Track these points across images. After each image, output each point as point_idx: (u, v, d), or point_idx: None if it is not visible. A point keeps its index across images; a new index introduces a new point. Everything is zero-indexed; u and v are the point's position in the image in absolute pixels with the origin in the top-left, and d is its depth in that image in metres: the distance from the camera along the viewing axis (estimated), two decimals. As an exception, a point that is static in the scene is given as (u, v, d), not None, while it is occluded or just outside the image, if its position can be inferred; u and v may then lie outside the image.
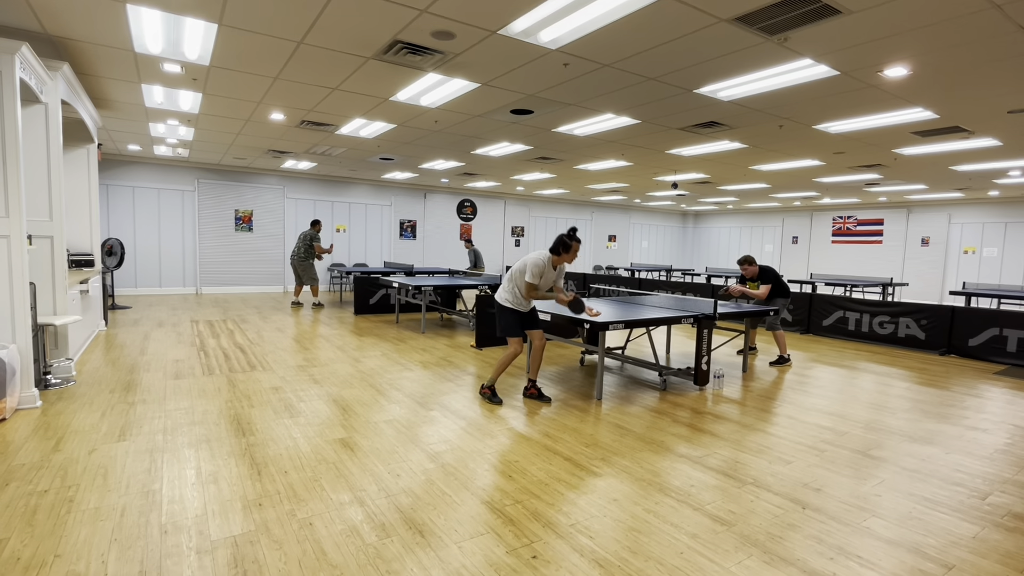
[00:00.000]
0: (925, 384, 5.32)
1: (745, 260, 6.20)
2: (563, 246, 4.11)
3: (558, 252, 4.11)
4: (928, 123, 6.06)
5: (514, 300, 4.20)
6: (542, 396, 4.40)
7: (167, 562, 2.04)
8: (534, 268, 4.06)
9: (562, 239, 4.12)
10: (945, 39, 3.78)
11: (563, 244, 4.11)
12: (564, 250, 4.10)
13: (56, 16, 3.94)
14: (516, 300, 4.20)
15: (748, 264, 6.18)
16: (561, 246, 4.11)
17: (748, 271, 6.19)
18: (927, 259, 14.52)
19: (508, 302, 4.22)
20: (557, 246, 4.12)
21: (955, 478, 3.06)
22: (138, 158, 10.80)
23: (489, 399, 4.27)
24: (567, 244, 4.10)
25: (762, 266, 6.19)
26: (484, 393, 4.31)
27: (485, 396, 4.30)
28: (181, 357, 5.52)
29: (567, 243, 4.10)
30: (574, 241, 4.12)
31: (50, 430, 3.40)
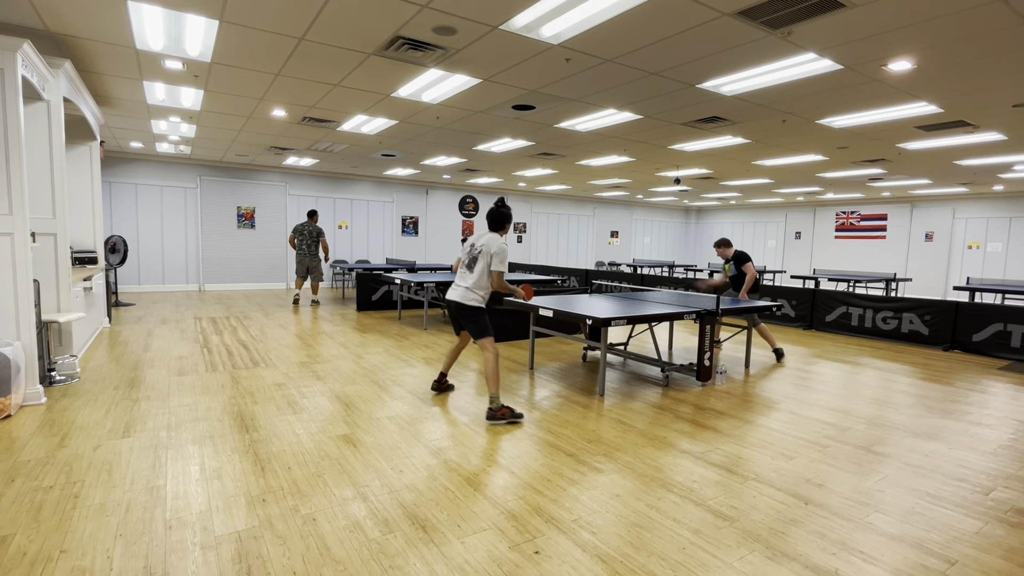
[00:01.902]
0: (928, 380, 5.31)
1: (722, 242, 6.23)
2: (508, 219, 3.85)
3: (503, 227, 3.85)
4: (932, 117, 6.02)
5: (484, 295, 3.81)
6: (450, 386, 4.40)
7: (172, 557, 2.05)
8: (505, 254, 3.72)
9: (504, 212, 3.82)
10: (950, 32, 3.75)
11: (508, 217, 3.84)
12: (508, 223, 3.86)
13: (58, 13, 3.94)
14: (486, 295, 3.82)
15: (725, 247, 6.22)
16: (507, 220, 3.85)
17: (723, 253, 6.24)
18: (931, 254, 14.46)
19: (479, 301, 3.79)
20: (503, 221, 3.83)
21: (958, 474, 3.05)
22: (140, 155, 10.81)
23: (509, 418, 3.66)
24: (510, 216, 3.87)
25: (737, 250, 6.23)
26: (501, 415, 3.64)
27: (503, 418, 3.64)
28: (184, 354, 5.54)
29: (510, 216, 3.86)
30: (510, 210, 3.90)
31: (55, 426, 3.41)
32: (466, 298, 3.75)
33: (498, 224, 3.84)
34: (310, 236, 9.47)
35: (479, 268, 3.75)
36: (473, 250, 3.81)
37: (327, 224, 12.93)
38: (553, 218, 17.20)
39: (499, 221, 3.83)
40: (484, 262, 3.74)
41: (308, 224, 9.52)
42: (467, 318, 3.76)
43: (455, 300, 3.78)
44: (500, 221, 3.83)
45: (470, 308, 3.75)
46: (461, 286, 3.78)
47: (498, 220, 3.83)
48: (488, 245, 3.72)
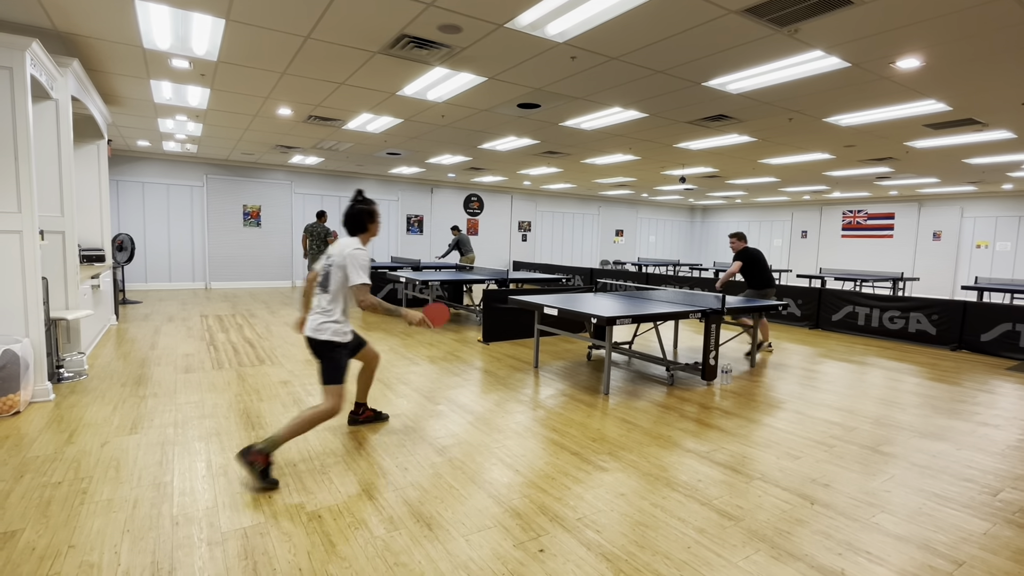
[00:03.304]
0: (936, 380, 5.27)
1: (737, 235, 6.43)
2: (369, 217, 2.96)
3: (364, 228, 2.96)
4: (941, 115, 5.98)
5: (344, 324, 2.84)
6: (379, 415, 3.62)
7: (178, 553, 2.06)
8: (365, 262, 2.82)
9: (362, 210, 2.94)
10: (959, 29, 3.72)
11: (368, 215, 2.96)
12: (371, 222, 2.97)
13: (66, 13, 3.97)
14: (345, 322, 2.86)
15: (738, 239, 6.41)
16: (367, 218, 2.95)
17: (734, 245, 6.43)
18: (939, 253, 14.35)
19: (336, 333, 2.81)
20: (362, 220, 2.93)
21: (966, 474, 3.03)
22: (147, 154, 10.87)
23: (259, 475, 2.60)
24: (372, 213, 2.97)
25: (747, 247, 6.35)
26: (255, 461, 2.60)
27: (253, 467, 2.60)
28: (191, 351, 5.57)
29: (371, 211, 2.97)
30: (373, 205, 3.00)
31: (63, 423, 3.44)
32: (318, 329, 2.78)
33: (356, 225, 2.94)
34: (320, 236, 9.80)
35: (334, 286, 2.82)
36: (326, 265, 2.88)
37: (332, 222, 12.96)
38: (558, 217, 17.18)
39: (356, 221, 2.93)
40: (338, 276, 2.81)
41: (317, 225, 9.87)
42: (321, 355, 2.81)
43: (307, 336, 2.83)
44: (358, 221, 2.93)
45: (322, 344, 2.78)
46: (314, 313, 2.85)
47: (355, 220, 2.93)
48: (341, 255, 2.82)
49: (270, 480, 2.63)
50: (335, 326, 2.81)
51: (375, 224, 3.01)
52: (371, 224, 2.98)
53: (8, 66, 3.53)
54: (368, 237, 2.98)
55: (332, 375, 2.81)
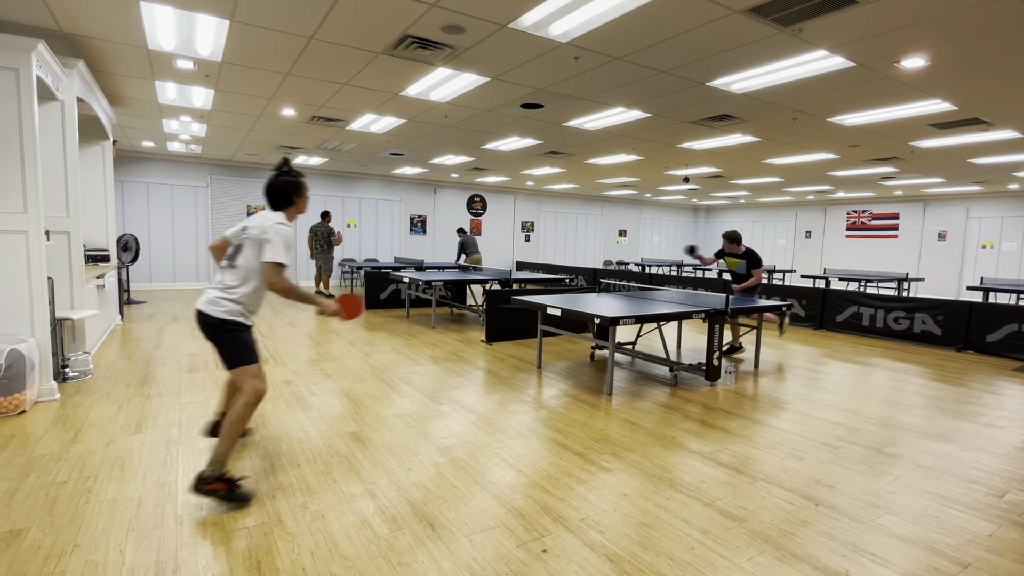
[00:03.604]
0: (941, 380, 5.24)
1: (733, 236, 6.03)
2: (295, 190, 2.63)
3: (290, 202, 2.64)
4: (946, 115, 5.95)
5: (246, 304, 2.55)
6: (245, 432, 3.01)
7: (183, 552, 2.07)
8: (287, 239, 2.49)
9: (288, 182, 2.61)
10: (965, 28, 3.70)
11: (295, 187, 2.63)
12: (297, 195, 2.65)
13: (72, 14, 3.99)
14: (249, 304, 2.57)
15: (735, 242, 6.03)
16: (293, 190, 2.63)
17: (731, 248, 6.04)
18: (944, 254, 14.29)
19: (236, 313, 2.50)
20: (287, 193, 2.61)
21: (971, 476, 3.02)
22: (152, 154, 10.91)
23: (227, 496, 2.42)
24: (299, 185, 2.65)
25: (750, 249, 6.09)
26: (214, 489, 2.39)
27: (214, 494, 2.40)
28: (195, 351, 5.59)
29: (298, 183, 2.64)
30: (301, 177, 2.67)
31: (68, 422, 3.46)
32: (214, 307, 2.47)
33: (280, 198, 2.62)
34: (323, 236, 10.10)
35: (243, 262, 2.51)
36: (241, 235, 2.56)
37: (336, 223, 13.01)
38: (561, 217, 17.17)
39: (281, 194, 2.61)
40: (251, 252, 2.50)
41: (321, 224, 10.17)
42: (216, 338, 2.50)
43: (198, 309, 2.51)
44: (282, 194, 2.61)
45: (218, 323, 2.46)
46: (213, 289, 2.54)
47: (279, 193, 2.61)
48: (260, 227, 2.49)
49: (241, 496, 2.44)
50: (233, 306, 2.48)
51: (302, 199, 2.68)
52: (298, 198, 2.64)
53: (14, 67, 3.55)
54: (294, 213, 2.66)
55: (237, 355, 2.49)
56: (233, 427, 2.44)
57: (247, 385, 2.48)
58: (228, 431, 2.44)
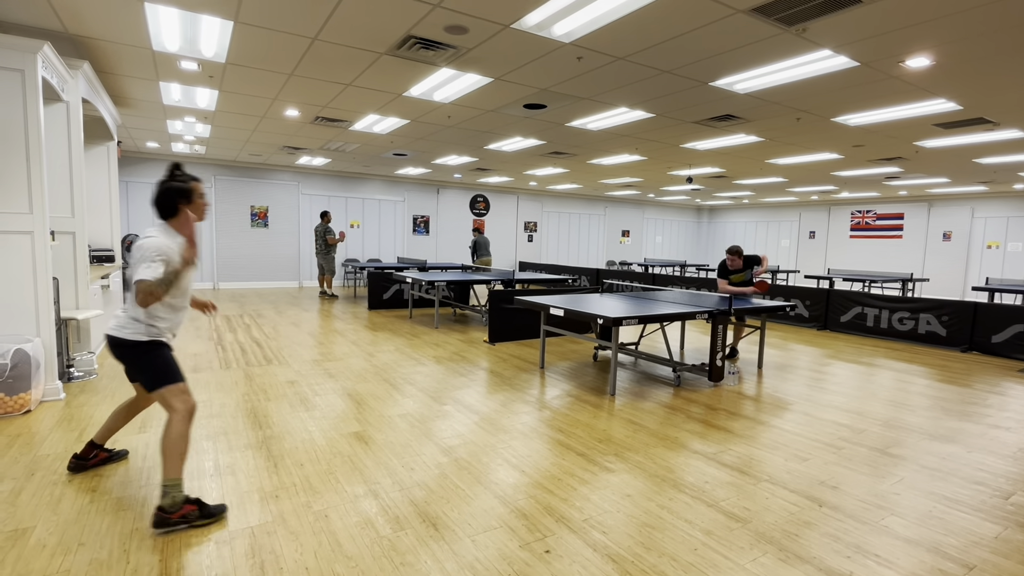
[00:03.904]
0: (946, 381, 5.22)
1: (736, 251, 5.97)
2: (181, 196, 2.35)
3: (174, 211, 2.35)
4: (951, 115, 5.92)
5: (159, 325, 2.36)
6: (115, 454, 2.88)
7: (187, 552, 2.08)
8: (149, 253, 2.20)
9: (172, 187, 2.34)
10: (970, 27, 3.68)
11: (180, 193, 2.35)
12: (185, 202, 2.36)
13: (77, 15, 4.01)
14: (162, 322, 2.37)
15: (738, 256, 5.98)
16: (179, 197, 2.35)
17: (734, 263, 6.00)
18: (949, 254, 14.22)
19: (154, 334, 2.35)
20: (171, 200, 2.34)
21: (977, 477, 3.00)
22: (156, 155, 10.96)
23: (200, 516, 2.28)
24: (185, 191, 2.36)
25: (746, 256, 6.03)
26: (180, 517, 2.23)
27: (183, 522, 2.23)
28: (199, 351, 5.61)
29: (183, 188, 2.36)
30: (193, 182, 2.41)
31: (73, 421, 3.47)
32: (121, 328, 2.31)
33: (166, 207, 2.35)
34: (320, 236, 10.37)
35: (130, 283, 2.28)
36: None
37: (339, 223, 13.05)
38: (564, 217, 17.17)
39: (166, 202, 2.34)
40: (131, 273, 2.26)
41: (320, 225, 10.44)
42: (130, 360, 2.35)
43: (106, 333, 2.36)
44: (166, 201, 2.34)
45: (128, 344, 2.31)
46: (121, 311, 2.38)
47: (162, 201, 2.34)
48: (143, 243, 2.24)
49: (213, 511, 2.32)
50: (140, 326, 2.31)
51: (193, 205, 2.39)
52: (185, 205, 2.35)
53: (20, 68, 3.56)
54: (183, 224, 2.35)
55: (156, 378, 2.32)
56: (174, 448, 2.26)
57: (176, 402, 2.30)
58: (172, 455, 2.26)
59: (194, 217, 2.40)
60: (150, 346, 2.34)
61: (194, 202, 2.41)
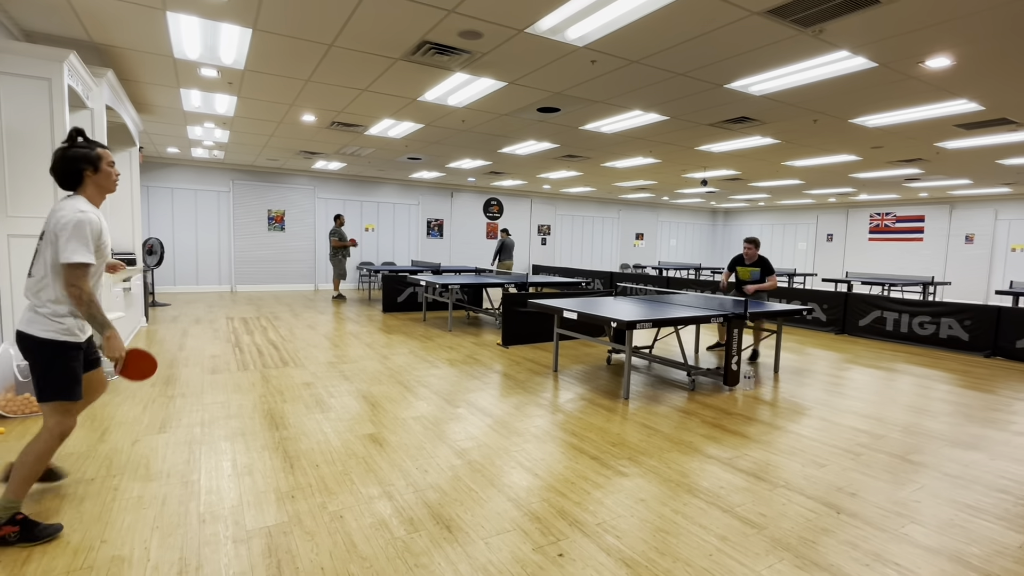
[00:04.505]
0: (969, 387, 5.11)
1: (755, 241, 6.12)
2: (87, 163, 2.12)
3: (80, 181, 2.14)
4: (973, 115, 5.81)
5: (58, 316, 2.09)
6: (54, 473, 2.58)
7: (205, 550, 2.11)
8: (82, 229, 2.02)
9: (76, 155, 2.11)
10: (991, 26, 3.62)
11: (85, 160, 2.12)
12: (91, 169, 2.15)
13: (101, 24, 4.11)
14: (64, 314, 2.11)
15: (756, 246, 6.11)
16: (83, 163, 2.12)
17: (750, 253, 6.11)
18: (971, 257, 13.92)
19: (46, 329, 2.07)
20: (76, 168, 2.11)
21: (1000, 485, 2.93)
22: (176, 160, 11.17)
23: (23, 538, 2.06)
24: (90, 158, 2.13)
25: (763, 257, 6.16)
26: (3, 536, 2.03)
27: (8, 540, 2.04)
28: (217, 353, 5.69)
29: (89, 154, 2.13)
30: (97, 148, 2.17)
31: (96, 421, 3.55)
32: (32, 326, 2.07)
33: (70, 176, 2.13)
34: (329, 239, 10.64)
35: (40, 265, 2.09)
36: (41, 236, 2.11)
37: (354, 226, 13.19)
38: (577, 220, 17.14)
39: (67, 170, 2.11)
40: (49, 252, 2.06)
41: (332, 228, 10.64)
42: (34, 360, 2.10)
43: (17, 329, 2.11)
44: (69, 170, 2.11)
45: (39, 343, 2.07)
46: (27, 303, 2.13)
47: (64, 169, 2.11)
48: (51, 220, 2.05)
49: (45, 532, 2.09)
50: (42, 317, 2.05)
51: (100, 174, 2.15)
52: (92, 173, 2.12)
53: (47, 77, 3.67)
54: (96, 193, 2.15)
55: (52, 386, 2.06)
56: (31, 467, 2.07)
57: (53, 420, 2.07)
58: (24, 473, 2.06)
59: (104, 189, 2.19)
60: (58, 348, 2.07)
61: (102, 170, 2.17)
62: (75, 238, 2.00)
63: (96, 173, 2.17)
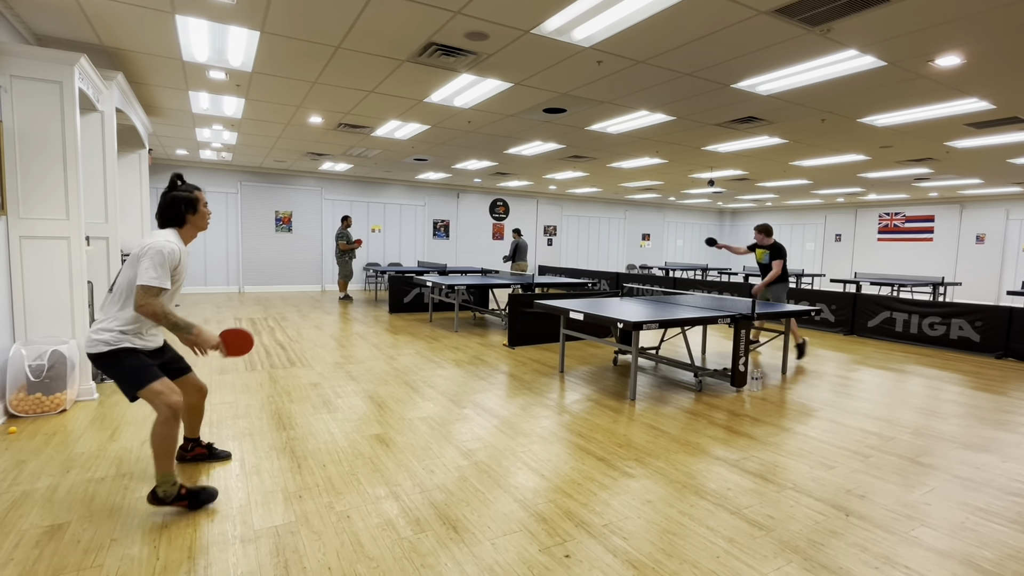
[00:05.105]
0: (980, 389, 5.06)
1: (765, 228, 6.23)
2: (187, 206, 2.45)
3: (181, 221, 2.46)
4: (983, 114, 5.76)
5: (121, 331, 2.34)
6: (215, 452, 2.98)
7: (213, 549, 2.12)
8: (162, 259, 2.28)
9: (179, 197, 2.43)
10: (1002, 24, 3.58)
11: (187, 204, 2.45)
12: (191, 212, 2.47)
13: (112, 28, 4.15)
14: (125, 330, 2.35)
15: (765, 233, 6.21)
16: (185, 207, 2.45)
17: (761, 239, 6.22)
18: (982, 257, 13.78)
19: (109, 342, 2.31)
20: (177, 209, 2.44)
21: (1012, 488, 2.90)
22: (185, 162, 11.26)
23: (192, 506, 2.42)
24: (191, 201, 2.46)
25: (777, 242, 6.22)
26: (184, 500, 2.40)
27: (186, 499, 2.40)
28: (225, 353, 5.73)
29: (190, 199, 2.46)
30: (197, 191, 2.49)
31: (106, 421, 3.58)
32: (91, 344, 2.31)
33: (169, 215, 2.45)
34: (335, 240, 10.62)
35: (120, 286, 2.36)
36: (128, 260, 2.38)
37: (361, 227, 13.25)
38: (584, 221, 17.12)
39: (171, 211, 2.44)
40: (127, 275, 2.34)
41: (339, 229, 10.64)
42: (108, 371, 2.36)
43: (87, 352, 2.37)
44: (172, 210, 2.44)
45: (106, 356, 2.32)
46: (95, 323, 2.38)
47: (168, 209, 2.44)
48: (140, 246, 2.32)
49: (207, 497, 2.45)
50: (108, 334, 2.30)
51: (197, 215, 2.48)
52: (191, 215, 2.45)
53: (58, 80, 3.71)
54: (190, 231, 2.48)
55: (131, 382, 2.31)
56: (160, 448, 2.34)
57: (157, 403, 2.31)
58: (156, 452, 2.34)
59: (199, 228, 2.53)
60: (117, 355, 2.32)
61: (199, 212, 2.51)
62: (156, 265, 2.27)
63: (195, 215, 2.49)
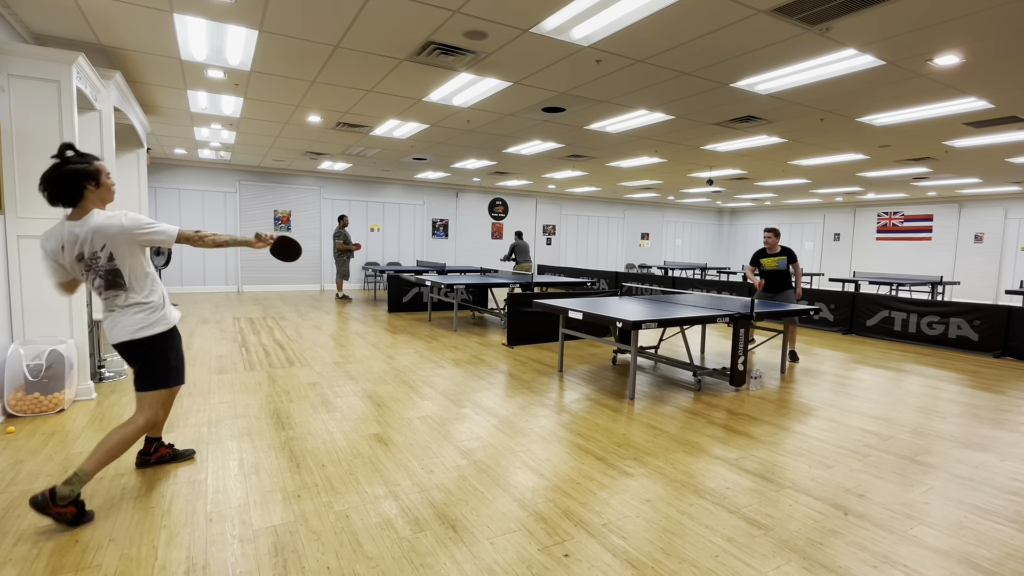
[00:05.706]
0: (978, 387, 5.06)
1: (774, 230, 6.15)
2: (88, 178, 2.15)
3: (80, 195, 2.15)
4: (982, 113, 5.76)
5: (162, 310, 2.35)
6: (179, 453, 2.90)
7: (212, 549, 2.12)
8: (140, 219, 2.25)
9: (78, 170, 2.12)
10: (1001, 24, 3.58)
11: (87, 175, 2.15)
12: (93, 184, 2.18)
13: (110, 27, 4.14)
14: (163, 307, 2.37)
15: (776, 236, 6.13)
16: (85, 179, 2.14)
17: (772, 242, 6.12)
18: (981, 256, 13.80)
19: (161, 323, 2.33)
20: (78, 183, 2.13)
21: (1011, 487, 2.91)
22: (184, 161, 11.24)
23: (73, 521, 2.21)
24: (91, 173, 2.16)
25: (785, 247, 6.16)
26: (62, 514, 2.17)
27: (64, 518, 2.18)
28: (224, 353, 5.72)
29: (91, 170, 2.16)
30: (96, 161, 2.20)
31: (104, 420, 3.58)
32: (141, 325, 2.25)
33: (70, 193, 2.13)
34: (333, 240, 10.67)
35: (128, 270, 2.25)
36: (85, 257, 2.16)
37: (360, 227, 13.23)
38: (583, 220, 17.11)
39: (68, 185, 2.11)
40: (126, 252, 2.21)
41: (336, 229, 10.71)
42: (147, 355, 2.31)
43: (126, 340, 2.28)
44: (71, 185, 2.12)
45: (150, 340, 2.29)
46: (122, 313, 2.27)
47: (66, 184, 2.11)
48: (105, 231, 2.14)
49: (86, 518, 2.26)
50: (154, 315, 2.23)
51: (102, 188, 2.18)
52: (94, 188, 2.15)
53: (56, 79, 3.69)
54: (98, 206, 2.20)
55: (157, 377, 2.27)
56: (112, 451, 2.25)
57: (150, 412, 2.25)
58: (106, 451, 2.23)
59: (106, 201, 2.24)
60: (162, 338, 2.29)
61: (103, 184, 2.20)
62: (150, 225, 2.19)
63: (98, 188, 2.23)
